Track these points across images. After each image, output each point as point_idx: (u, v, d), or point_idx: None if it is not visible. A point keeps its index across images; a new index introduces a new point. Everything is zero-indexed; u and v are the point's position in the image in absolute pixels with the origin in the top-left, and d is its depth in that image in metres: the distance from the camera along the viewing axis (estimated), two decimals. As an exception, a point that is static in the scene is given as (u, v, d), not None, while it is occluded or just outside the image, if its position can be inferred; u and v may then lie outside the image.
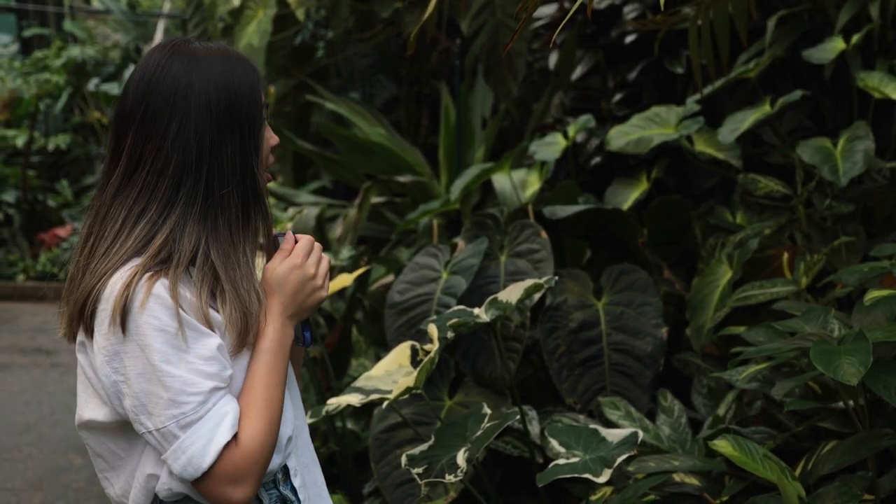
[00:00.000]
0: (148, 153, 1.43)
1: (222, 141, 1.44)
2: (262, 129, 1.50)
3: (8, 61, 9.97)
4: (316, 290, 1.52)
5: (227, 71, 1.47)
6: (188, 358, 1.36)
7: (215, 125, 1.44)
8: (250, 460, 1.37)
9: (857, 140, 2.80)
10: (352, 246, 3.99)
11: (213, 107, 1.44)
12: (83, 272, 1.42)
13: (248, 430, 1.38)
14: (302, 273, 1.50)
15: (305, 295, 1.51)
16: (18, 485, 4.42)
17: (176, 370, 1.35)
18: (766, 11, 3.28)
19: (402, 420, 2.76)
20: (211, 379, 1.37)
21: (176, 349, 1.36)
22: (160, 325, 1.36)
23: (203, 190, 1.43)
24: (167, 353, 1.35)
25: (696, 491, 2.31)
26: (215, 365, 1.38)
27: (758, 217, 3.06)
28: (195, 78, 1.44)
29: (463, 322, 2.42)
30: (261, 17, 5.27)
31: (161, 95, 1.44)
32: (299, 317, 1.52)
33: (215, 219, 1.44)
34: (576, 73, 3.86)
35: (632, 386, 2.83)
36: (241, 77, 1.47)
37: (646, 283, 2.95)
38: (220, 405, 1.38)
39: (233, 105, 1.46)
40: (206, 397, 1.36)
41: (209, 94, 1.44)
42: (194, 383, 1.36)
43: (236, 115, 1.46)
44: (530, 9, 1.71)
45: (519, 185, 3.65)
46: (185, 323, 1.37)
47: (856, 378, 1.86)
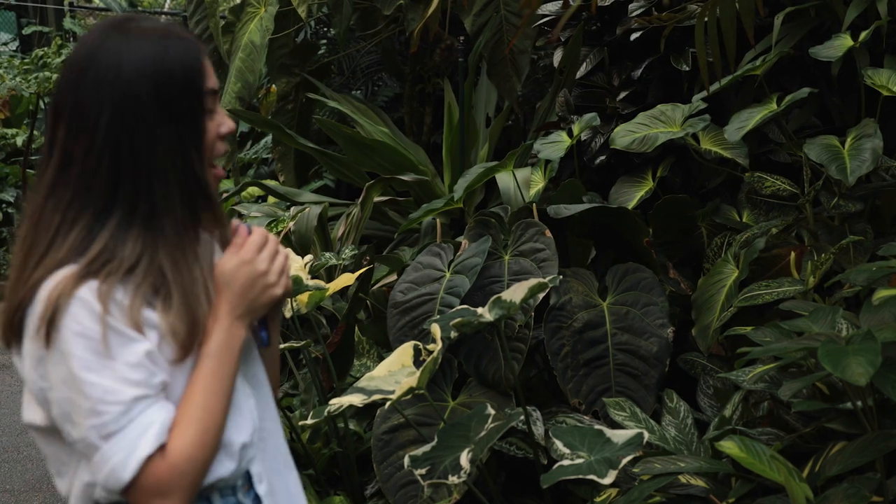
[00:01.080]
0: (79, 150, 1.33)
1: (156, 135, 1.33)
2: (202, 117, 1.38)
3: (8, 59, 9.95)
4: (268, 288, 1.41)
5: (158, 54, 1.34)
6: (113, 365, 1.28)
7: (147, 118, 1.33)
8: (176, 473, 1.29)
9: (864, 138, 2.77)
10: (354, 245, 3.97)
11: (144, 97, 1.33)
12: (17, 280, 1.34)
13: (177, 442, 1.30)
14: (251, 269, 1.40)
15: (256, 293, 1.40)
16: (17, 486, 4.39)
17: (97, 378, 1.27)
18: (774, 8, 3.26)
19: (404, 421, 2.74)
20: (136, 387, 1.29)
21: (99, 356, 1.28)
22: (81, 331, 1.28)
23: (144, 191, 1.33)
24: (89, 360, 1.28)
25: (703, 492, 2.29)
26: (142, 372, 1.30)
27: (764, 216, 3.04)
28: (125, 64, 1.32)
29: (466, 322, 2.40)
30: (262, 14, 5.24)
31: (90, 84, 1.33)
32: (252, 316, 1.41)
33: (160, 221, 1.34)
34: (580, 71, 3.84)
35: (637, 386, 2.81)
36: (174, 60, 1.35)
37: (651, 283, 2.92)
38: (146, 414, 1.29)
39: (165, 94, 1.34)
40: (129, 406, 1.28)
41: (139, 83, 1.33)
42: (115, 391, 1.28)
43: (168, 105, 1.34)
44: (534, 5, 1.68)
45: (523, 183, 3.62)
46: (110, 328, 1.28)
47: (864, 378, 1.84)
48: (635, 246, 3.15)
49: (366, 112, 5.57)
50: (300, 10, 5.16)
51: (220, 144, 1.43)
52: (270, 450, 1.49)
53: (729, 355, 2.89)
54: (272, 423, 1.51)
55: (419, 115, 6.34)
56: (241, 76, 5.19)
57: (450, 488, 2.58)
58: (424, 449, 2.27)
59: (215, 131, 1.42)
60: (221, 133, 1.42)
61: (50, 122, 1.37)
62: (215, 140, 1.42)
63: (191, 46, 1.39)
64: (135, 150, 1.33)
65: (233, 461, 1.38)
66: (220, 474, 1.37)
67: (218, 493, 1.39)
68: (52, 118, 1.36)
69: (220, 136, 1.42)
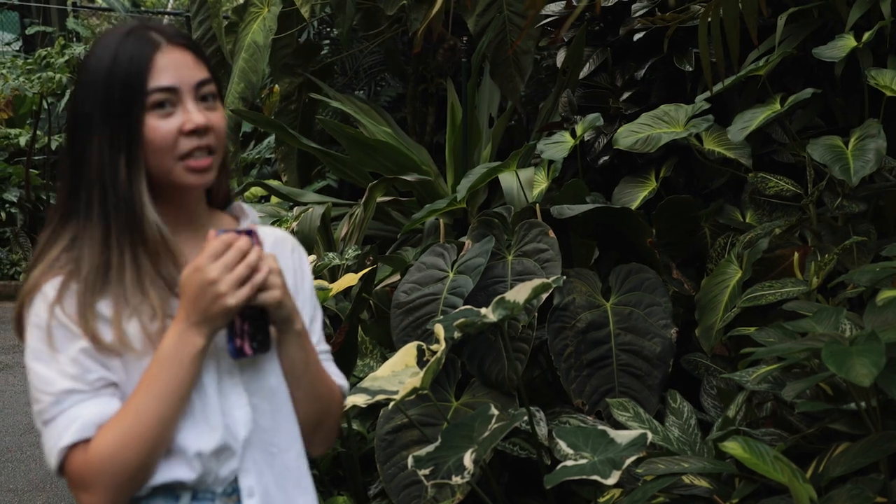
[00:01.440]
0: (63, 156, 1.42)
1: (97, 139, 1.38)
2: (139, 115, 1.38)
3: (11, 59, 9.96)
4: (218, 297, 1.35)
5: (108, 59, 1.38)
6: (58, 357, 1.35)
7: (93, 121, 1.38)
8: (93, 469, 1.33)
9: (868, 138, 2.77)
10: (357, 245, 3.97)
11: (88, 104, 1.38)
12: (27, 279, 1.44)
13: (98, 440, 1.34)
14: (201, 277, 1.35)
15: (207, 302, 1.35)
16: (21, 485, 4.40)
17: (40, 367, 1.36)
18: (777, 9, 3.25)
19: (408, 421, 2.74)
20: (71, 380, 1.34)
21: (49, 347, 1.36)
22: (38, 322, 1.36)
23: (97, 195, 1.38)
24: (40, 350, 1.36)
25: (706, 493, 2.29)
26: (77, 367, 1.35)
27: (768, 216, 3.04)
28: (84, 73, 1.39)
29: (470, 322, 2.40)
30: (265, 14, 5.24)
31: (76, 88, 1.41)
32: (211, 325, 1.37)
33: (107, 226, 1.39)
34: (584, 71, 3.84)
35: (640, 387, 2.80)
36: (120, 64, 1.37)
37: (654, 284, 2.92)
38: (76, 408, 1.34)
39: (105, 94, 1.37)
40: (59, 398, 1.35)
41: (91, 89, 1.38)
42: (51, 382, 1.35)
43: (107, 108, 1.37)
44: (538, 6, 1.68)
45: (526, 184, 3.62)
46: (58, 321, 1.36)
47: (868, 379, 1.84)
48: (639, 246, 3.15)
49: (369, 112, 5.58)
50: (303, 11, 5.16)
51: (187, 140, 1.40)
52: (278, 466, 1.47)
53: (732, 356, 2.89)
54: (286, 439, 1.49)
55: (422, 115, 6.34)
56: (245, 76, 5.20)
57: (453, 488, 2.58)
58: (428, 449, 2.27)
59: (176, 129, 1.40)
60: (185, 129, 1.40)
61: None
62: (177, 137, 1.40)
63: (140, 41, 1.40)
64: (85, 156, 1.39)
65: (188, 467, 1.39)
66: (173, 477, 1.38)
67: (190, 494, 1.40)
68: None
69: (184, 131, 1.40)
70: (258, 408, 1.46)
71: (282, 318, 1.44)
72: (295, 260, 1.59)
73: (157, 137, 1.39)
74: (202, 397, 1.41)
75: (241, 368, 1.45)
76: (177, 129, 1.40)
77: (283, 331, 1.46)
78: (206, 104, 1.44)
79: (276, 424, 1.47)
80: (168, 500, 1.40)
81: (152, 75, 1.39)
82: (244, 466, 1.44)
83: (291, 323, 1.45)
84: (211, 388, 1.42)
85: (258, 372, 1.47)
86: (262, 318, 1.43)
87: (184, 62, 1.42)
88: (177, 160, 1.40)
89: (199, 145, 1.42)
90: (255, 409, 1.46)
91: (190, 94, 1.42)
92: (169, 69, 1.40)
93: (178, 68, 1.41)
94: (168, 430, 1.37)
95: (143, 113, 1.38)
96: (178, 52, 1.42)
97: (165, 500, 1.40)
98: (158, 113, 1.39)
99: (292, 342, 1.47)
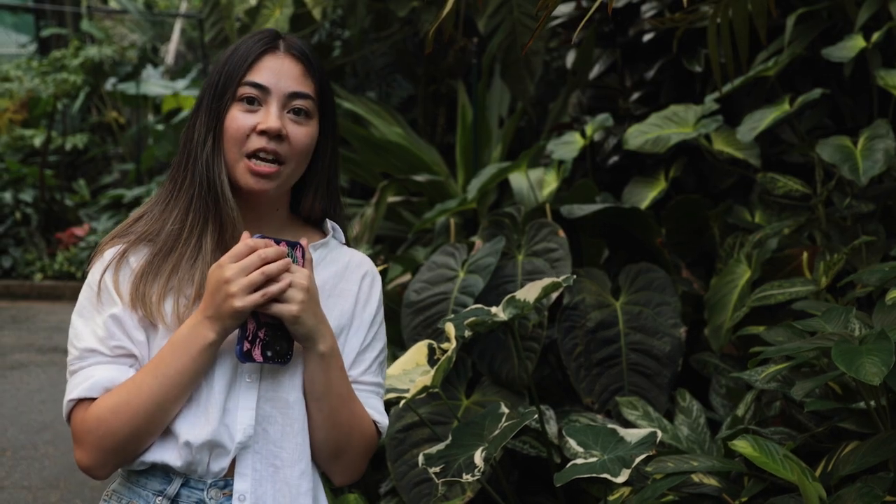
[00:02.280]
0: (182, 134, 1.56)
1: (201, 118, 1.49)
2: (229, 102, 1.47)
3: (26, 61, 10.02)
4: (229, 297, 1.38)
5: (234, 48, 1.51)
6: (96, 317, 1.45)
7: (202, 103, 1.50)
8: (85, 426, 1.42)
9: (877, 139, 2.78)
10: (368, 245, 3.99)
11: (206, 84, 1.50)
12: None
13: (98, 402, 1.42)
14: (219, 273, 1.39)
15: (220, 299, 1.38)
16: (35, 483, 4.43)
17: (79, 322, 1.46)
18: (786, 9, 3.26)
19: (418, 419, 2.76)
20: (97, 342, 1.44)
21: (92, 305, 1.46)
22: (90, 281, 1.48)
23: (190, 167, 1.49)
24: (84, 305, 1.47)
25: (715, 492, 2.29)
26: (104, 331, 1.44)
27: (777, 216, 3.04)
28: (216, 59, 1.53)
29: (481, 321, 2.41)
30: (277, 16, 5.27)
31: None
32: (221, 322, 1.39)
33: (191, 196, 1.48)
34: (593, 72, 3.85)
35: (650, 386, 2.82)
36: (237, 51, 1.49)
37: (664, 283, 2.93)
38: (93, 368, 1.44)
39: (215, 79, 1.49)
40: (83, 354, 1.44)
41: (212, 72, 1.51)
42: (81, 338, 1.45)
43: (212, 89, 1.48)
44: (550, 7, 1.70)
45: (536, 184, 3.64)
46: (103, 286, 1.46)
47: (878, 378, 1.84)
48: (648, 246, 3.16)
49: (380, 113, 5.60)
50: (315, 12, 5.19)
51: (256, 139, 1.46)
52: (279, 481, 1.47)
53: (741, 355, 2.90)
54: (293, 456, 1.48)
55: (433, 115, 6.36)
56: (257, 78, 5.22)
57: (463, 486, 2.59)
58: (439, 447, 2.29)
59: (251, 125, 1.46)
60: (258, 128, 1.46)
61: None
62: (249, 133, 1.46)
63: (258, 44, 1.50)
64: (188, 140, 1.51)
65: (176, 453, 1.43)
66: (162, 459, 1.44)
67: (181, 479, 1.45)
68: None
69: (257, 130, 1.46)
70: (269, 417, 1.47)
71: (301, 334, 1.44)
72: (363, 287, 1.60)
73: (232, 127, 1.47)
74: (208, 390, 1.44)
75: (262, 375, 1.47)
76: (251, 125, 1.46)
77: (305, 348, 1.47)
78: (294, 117, 1.49)
79: (284, 438, 1.47)
80: (161, 481, 1.46)
81: (252, 71, 1.47)
82: (241, 471, 1.45)
83: (314, 342, 1.45)
84: (220, 384, 1.44)
85: (277, 383, 1.48)
86: (284, 330, 1.44)
87: (289, 71, 1.49)
88: (242, 156, 1.47)
89: (265, 147, 1.46)
90: (266, 418, 1.46)
91: (278, 100, 1.47)
92: (270, 71, 1.48)
93: (279, 74, 1.48)
94: (164, 412, 1.41)
95: (232, 101, 1.47)
96: (287, 61, 1.49)
97: (159, 480, 1.46)
98: (244, 106, 1.47)
99: (314, 362, 1.47)
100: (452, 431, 2.35)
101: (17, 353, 6.61)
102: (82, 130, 10.62)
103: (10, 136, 9.79)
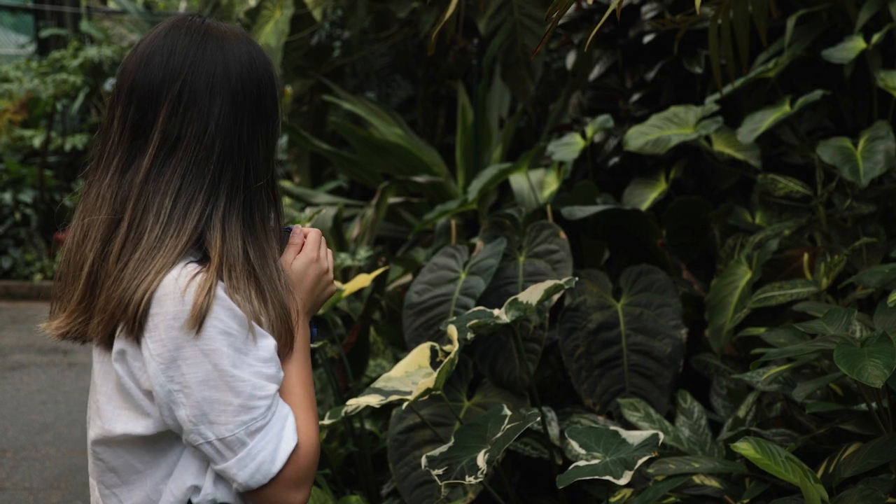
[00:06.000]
0: (191, 135, 1.35)
1: (255, 131, 1.40)
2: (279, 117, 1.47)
3: (25, 62, 10.01)
4: (329, 284, 1.50)
5: (252, 59, 1.42)
6: (249, 361, 1.30)
7: (248, 114, 1.38)
8: (311, 461, 1.34)
9: (877, 140, 2.78)
10: (369, 246, 3.99)
11: (247, 95, 1.39)
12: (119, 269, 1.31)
13: (304, 431, 1.35)
14: (318, 267, 1.48)
15: (321, 289, 1.49)
16: (36, 484, 4.43)
17: (243, 374, 1.29)
18: (786, 10, 3.27)
19: (420, 421, 2.76)
20: (274, 382, 1.33)
21: (239, 353, 1.30)
22: (224, 328, 1.29)
23: (242, 182, 1.37)
24: (233, 357, 1.29)
25: (717, 493, 2.30)
26: (273, 367, 1.33)
27: (777, 217, 3.05)
28: (231, 62, 1.39)
29: (483, 323, 2.41)
30: (278, 17, 5.27)
31: (201, 74, 1.36)
32: (314, 312, 1.49)
33: (251, 214, 1.38)
34: (593, 73, 3.85)
35: (651, 387, 2.82)
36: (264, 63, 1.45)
37: (665, 284, 2.94)
38: (280, 408, 1.34)
39: (261, 95, 1.42)
40: (273, 401, 1.32)
41: (244, 81, 1.38)
42: (262, 387, 1.30)
43: (264, 106, 1.42)
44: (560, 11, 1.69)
45: (536, 185, 3.64)
46: (244, 325, 1.30)
47: (881, 380, 1.85)
48: (649, 247, 3.16)
49: (380, 114, 5.60)
50: (315, 13, 5.19)
51: None
52: None
53: (742, 356, 2.90)
54: None
55: (433, 116, 6.36)
56: (257, 79, 5.22)
57: (465, 488, 2.60)
58: (441, 449, 2.29)
59: None
60: None
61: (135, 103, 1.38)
62: None
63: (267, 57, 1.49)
64: (239, 141, 1.38)
65: None
66: None
67: None
68: (143, 101, 1.37)
69: None
70: None
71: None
72: None
73: None
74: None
75: None
76: None
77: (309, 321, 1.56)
78: None
79: None
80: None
81: None
82: None
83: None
84: None
85: None
86: None
87: None
88: None
89: None
90: None
91: None
92: None
93: None
94: None
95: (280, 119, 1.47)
96: None
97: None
98: None
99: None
100: (455, 433, 2.35)
101: (18, 353, 6.61)
102: (82, 131, 10.61)
103: (9, 136, 9.79)
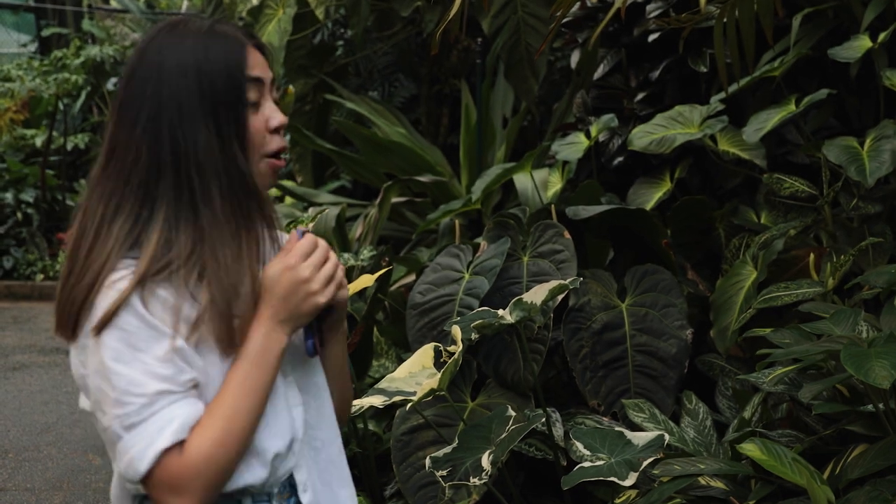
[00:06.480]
0: (121, 143, 1.36)
1: (195, 129, 1.35)
2: (243, 111, 1.39)
3: (27, 61, 10.01)
4: (311, 296, 1.38)
5: (200, 50, 1.36)
6: (143, 357, 1.29)
7: (189, 112, 1.35)
8: (191, 471, 1.29)
9: (884, 139, 2.77)
10: (372, 246, 3.98)
11: (185, 92, 1.35)
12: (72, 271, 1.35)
13: (196, 440, 1.30)
14: (294, 275, 1.38)
15: (298, 300, 1.38)
16: (38, 485, 4.43)
17: (125, 369, 1.29)
18: (792, 9, 3.25)
19: (424, 421, 2.75)
20: (163, 381, 1.30)
21: (131, 347, 1.29)
22: (121, 324, 1.30)
23: (185, 184, 1.34)
24: (120, 350, 1.29)
25: (723, 494, 2.29)
26: (170, 368, 1.30)
27: (783, 217, 3.04)
28: (166, 61, 1.35)
29: (487, 324, 2.41)
30: (280, 16, 5.26)
31: (136, 80, 1.36)
32: (295, 323, 1.39)
33: (201, 215, 1.34)
34: (598, 72, 3.84)
35: (656, 388, 2.81)
36: (215, 56, 1.37)
37: (670, 284, 2.92)
38: (169, 409, 1.30)
39: (206, 89, 1.35)
40: (152, 399, 1.29)
41: (180, 79, 1.35)
42: (141, 384, 1.29)
43: (209, 100, 1.36)
44: (564, 10, 1.68)
45: (541, 185, 3.63)
46: (144, 321, 1.30)
47: (888, 381, 1.84)
48: (654, 247, 3.15)
49: (383, 113, 5.59)
50: (318, 12, 5.18)
51: (274, 139, 1.43)
52: (323, 461, 1.49)
53: (747, 357, 2.89)
54: (328, 434, 1.50)
55: (436, 116, 6.35)
56: (259, 78, 5.21)
57: (469, 489, 2.58)
58: (445, 450, 2.28)
59: (264, 125, 1.42)
60: (271, 126, 1.42)
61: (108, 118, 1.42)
62: (265, 134, 1.42)
63: (232, 41, 1.40)
64: (175, 144, 1.34)
65: (265, 469, 1.38)
66: (250, 481, 1.37)
67: (250, 498, 1.39)
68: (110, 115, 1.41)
69: (270, 130, 1.42)
70: (307, 404, 1.47)
71: (341, 315, 1.48)
72: None
73: (255, 129, 1.41)
74: (274, 397, 1.41)
75: (293, 367, 1.46)
76: (264, 124, 1.42)
77: (335, 329, 1.50)
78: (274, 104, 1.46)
79: (320, 420, 1.49)
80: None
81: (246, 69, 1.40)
82: (298, 462, 1.44)
83: (343, 321, 1.49)
84: (280, 387, 1.43)
85: (307, 370, 1.48)
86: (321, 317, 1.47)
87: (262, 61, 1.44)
88: (262, 157, 1.42)
89: (283, 145, 1.45)
90: (305, 406, 1.47)
91: (269, 92, 1.44)
92: (258, 63, 1.42)
93: (262, 66, 1.44)
94: (255, 431, 1.37)
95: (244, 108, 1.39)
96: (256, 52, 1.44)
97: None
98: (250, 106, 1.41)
99: (340, 340, 1.52)
100: (459, 434, 2.35)
101: (19, 353, 6.60)
102: (84, 130, 10.61)
103: (11, 135, 9.78)
